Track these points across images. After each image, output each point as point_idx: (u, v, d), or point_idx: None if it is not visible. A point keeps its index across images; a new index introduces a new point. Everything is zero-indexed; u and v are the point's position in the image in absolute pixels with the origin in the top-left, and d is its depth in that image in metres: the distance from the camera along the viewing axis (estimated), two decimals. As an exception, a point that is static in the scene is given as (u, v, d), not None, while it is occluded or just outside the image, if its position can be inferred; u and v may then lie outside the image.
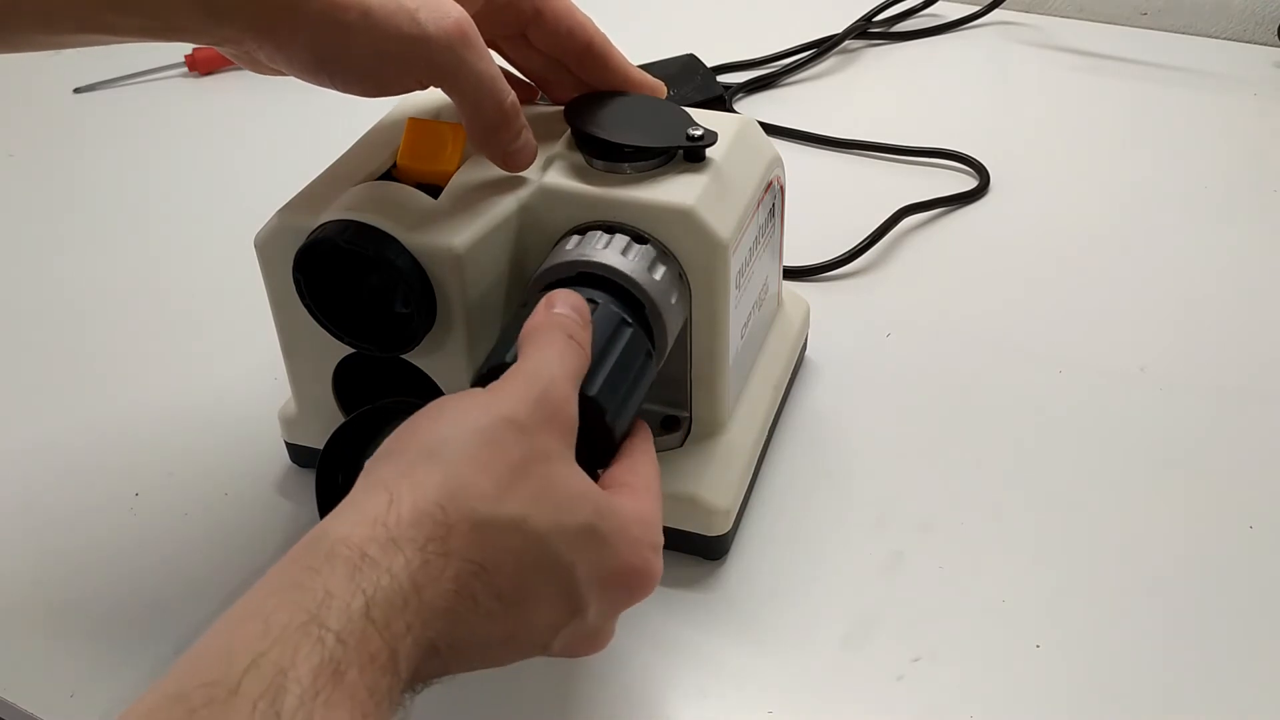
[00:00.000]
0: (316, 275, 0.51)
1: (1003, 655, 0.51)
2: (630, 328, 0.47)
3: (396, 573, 0.35)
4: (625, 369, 0.46)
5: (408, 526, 0.36)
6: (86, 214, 0.83)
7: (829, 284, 0.73)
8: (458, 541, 0.37)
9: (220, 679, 0.32)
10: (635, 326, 0.47)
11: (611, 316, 0.47)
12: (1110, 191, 0.82)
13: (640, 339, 0.47)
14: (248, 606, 0.35)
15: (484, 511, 0.38)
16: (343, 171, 0.54)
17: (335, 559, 0.35)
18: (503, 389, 0.41)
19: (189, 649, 0.34)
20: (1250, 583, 0.54)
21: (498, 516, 0.38)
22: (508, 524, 0.38)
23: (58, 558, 0.57)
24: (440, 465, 0.38)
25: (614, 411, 0.45)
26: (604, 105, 0.54)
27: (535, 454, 0.39)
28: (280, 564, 0.36)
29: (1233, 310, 0.70)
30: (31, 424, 0.65)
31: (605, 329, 0.46)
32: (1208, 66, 0.96)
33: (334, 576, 0.35)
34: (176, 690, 0.32)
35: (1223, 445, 0.61)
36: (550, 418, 0.41)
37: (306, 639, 0.33)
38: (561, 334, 0.43)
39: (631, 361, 0.46)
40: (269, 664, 0.32)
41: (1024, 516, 0.57)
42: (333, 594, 0.34)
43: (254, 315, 0.59)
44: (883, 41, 1.02)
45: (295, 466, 0.61)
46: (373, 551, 0.35)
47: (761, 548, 0.56)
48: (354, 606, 0.34)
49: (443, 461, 0.38)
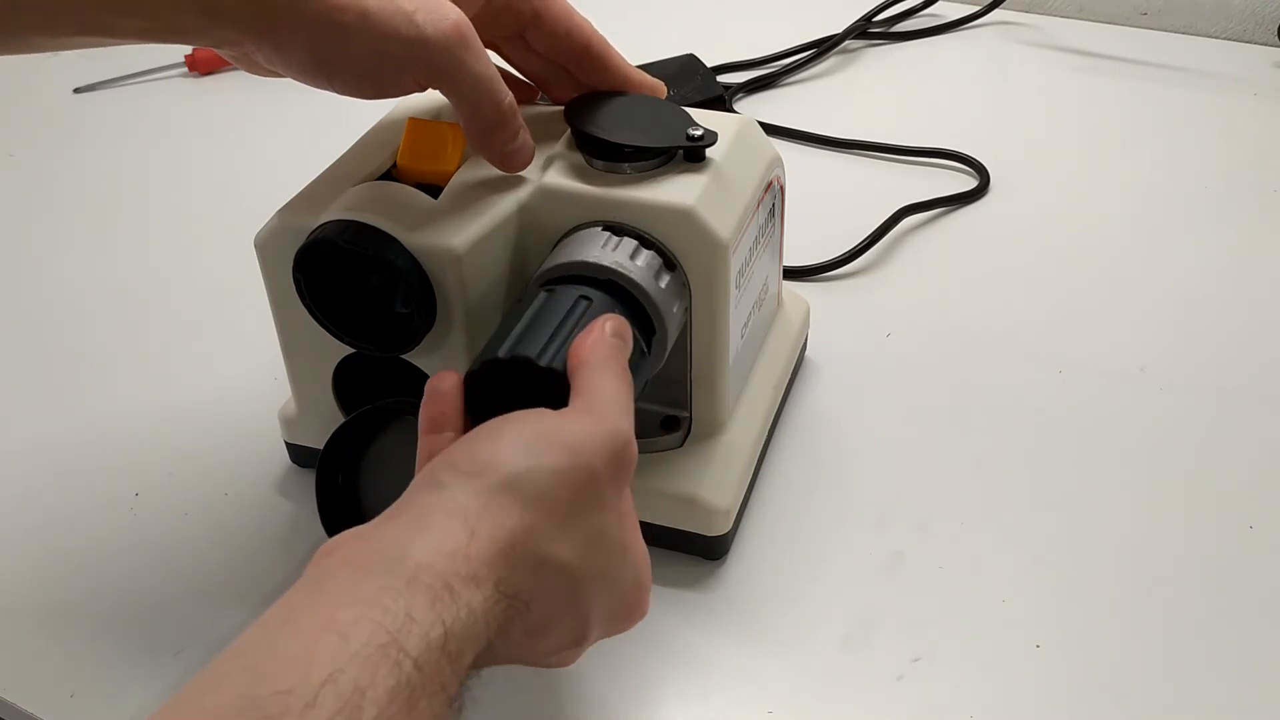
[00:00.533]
0: (316, 275, 0.51)
1: (1003, 655, 0.51)
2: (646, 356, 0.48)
3: (475, 609, 0.36)
4: None
5: (485, 564, 0.37)
6: (86, 214, 0.83)
7: (829, 284, 0.73)
8: (520, 580, 0.38)
9: (296, 688, 0.31)
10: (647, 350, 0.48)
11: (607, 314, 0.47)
12: (1110, 191, 0.82)
13: (636, 340, 0.47)
14: (319, 616, 0.34)
15: (543, 552, 0.39)
16: (343, 171, 0.54)
17: (417, 585, 0.35)
18: (588, 432, 0.41)
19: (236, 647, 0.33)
20: (1250, 583, 0.54)
21: (553, 559, 0.39)
22: (558, 567, 0.39)
23: (58, 558, 0.57)
24: (519, 502, 0.39)
25: None
26: (604, 105, 0.54)
27: (596, 503, 0.41)
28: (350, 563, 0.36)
29: (1233, 310, 0.70)
30: (31, 424, 0.65)
31: None
32: (1208, 66, 0.96)
33: (416, 602, 0.35)
34: (249, 694, 0.31)
35: (1223, 445, 0.61)
36: (619, 471, 0.42)
37: (385, 660, 0.33)
38: (628, 377, 0.45)
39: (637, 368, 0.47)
40: (348, 681, 0.32)
41: (1024, 516, 0.57)
42: (415, 620, 0.34)
43: (254, 315, 0.59)
44: (883, 41, 1.02)
45: (295, 466, 0.61)
46: (455, 584, 0.36)
47: (761, 548, 0.56)
48: (433, 636, 0.34)
49: (521, 498, 0.39)
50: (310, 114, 0.81)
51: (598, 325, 0.45)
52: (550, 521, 0.39)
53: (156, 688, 0.51)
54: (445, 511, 0.38)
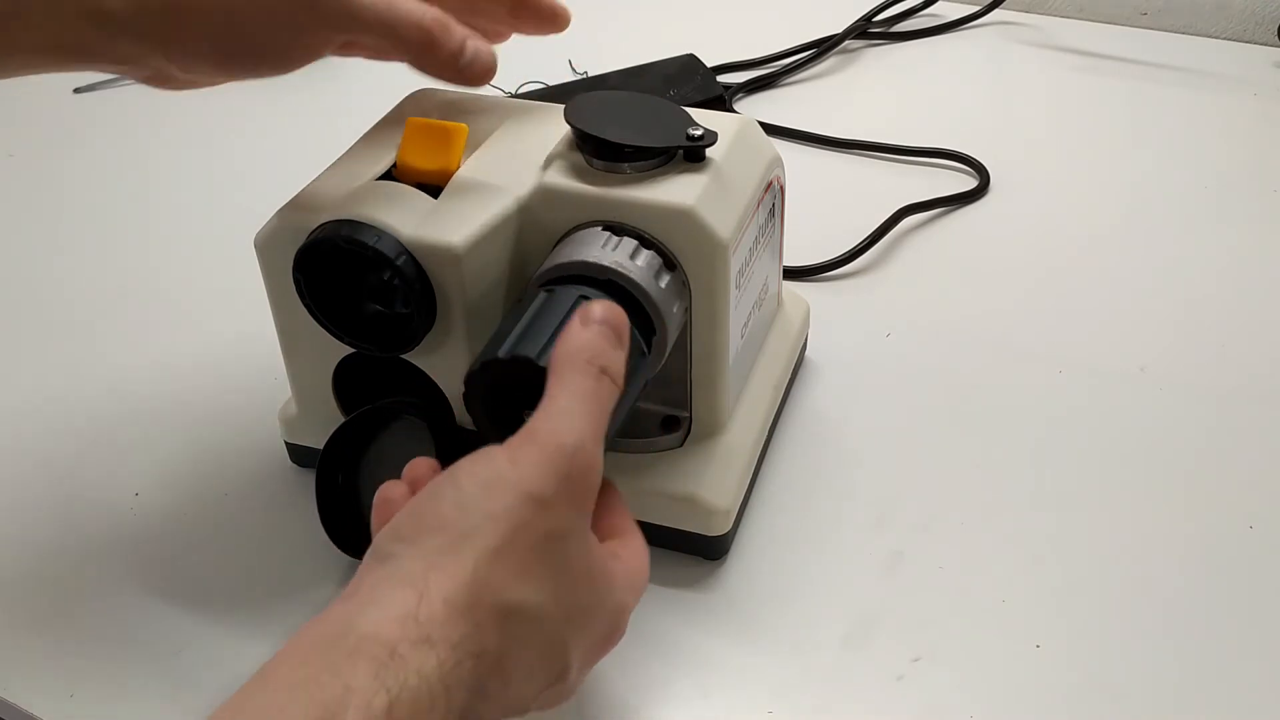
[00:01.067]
0: (316, 275, 0.51)
1: (1003, 655, 0.51)
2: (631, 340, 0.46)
3: (427, 673, 0.35)
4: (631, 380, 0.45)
5: (438, 625, 0.36)
6: (86, 214, 0.83)
7: (829, 284, 0.73)
8: (485, 637, 0.37)
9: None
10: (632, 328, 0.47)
11: None
12: (1110, 191, 0.82)
13: (636, 343, 0.47)
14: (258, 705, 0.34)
15: (506, 600, 0.38)
16: (343, 171, 0.54)
17: (359, 655, 0.35)
18: (528, 458, 0.39)
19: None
20: (1250, 583, 0.54)
21: (519, 607, 0.38)
22: (526, 614, 0.38)
23: (58, 558, 0.57)
24: (470, 557, 0.37)
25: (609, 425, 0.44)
26: (604, 105, 0.54)
27: (554, 532, 0.39)
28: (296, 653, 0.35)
29: (1233, 310, 0.70)
30: (31, 424, 0.65)
31: None
32: (1208, 66, 0.96)
33: (357, 673, 0.34)
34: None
35: (1223, 445, 0.61)
36: (574, 488, 0.40)
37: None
38: (594, 372, 0.42)
39: (636, 373, 0.46)
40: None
41: (1024, 516, 0.57)
42: (354, 689, 0.34)
43: (254, 315, 0.59)
44: (883, 41, 1.02)
45: (295, 466, 0.61)
46: (403, 649, 0.35)
47: (761, 548, 0.56)
48: (376, 704, 0.34)
49: (473, 552, 0.38)
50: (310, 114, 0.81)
51: (574, 322, 0.43)
52: (507, 569, 0.38)
53: (156, 688, 0.51)
54: (393, 581, 0.37)
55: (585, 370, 0.42)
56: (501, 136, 0.56)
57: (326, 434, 0.54)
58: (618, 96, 0.55)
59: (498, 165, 0.54)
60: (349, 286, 0.52)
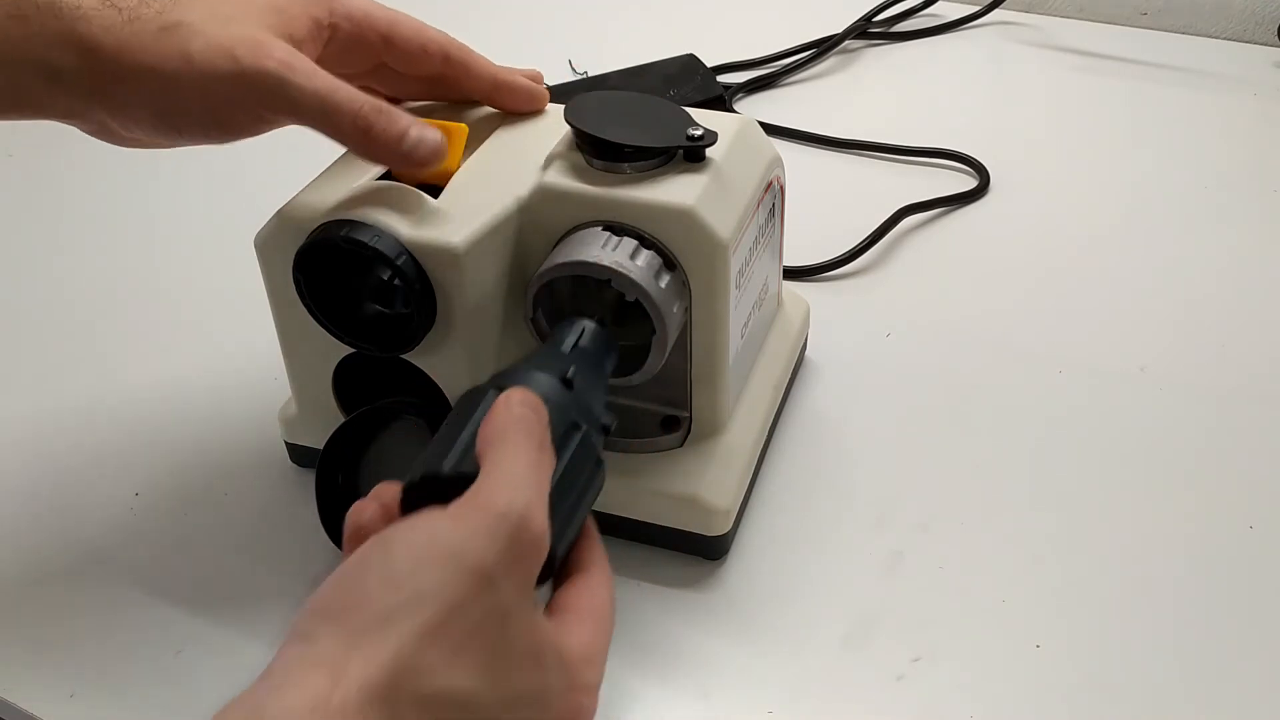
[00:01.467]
0: (316, 275, 0.51)
1: (1003, 655, 0.51)
2: (579, 432, 0.42)
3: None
4: (573, 479, 0.41)
5: (354, 712, 0.33)
6: (86, 214, 0.83)
7: (829, 284, 0.73)
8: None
9: None
10: (586, 427, 0.42)
11: (562, 420, 0.42)
12: (1110, 191, 0.82)
13: (590, 445, 0.42)
14: None
15: (433, 687, 0.34)
16: (343, 171, 0.54)
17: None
18: (472, 524, 0.36)
19: None
20: (1250, 583, 0.54)
21: (446, 692, 0.35)
22: (456, 701, 0.35)
23: (58, 558, 0.57)
24: (393, 639, 0.34)
25: (559, 530, 0.40)
26: (604, 105, 0.54)
27: (495, 611, 0.36)
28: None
29: (1233, 310, 0.70)
30: (31, 424, 0.65)
31: (555, 430, 0.41)
32: (1208, 66, 0.96)
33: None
34: None
35: (1223, 445, 0.61)
36: (519, 559, 0.37)
37: None
38: (533, 443, 0.39)
39: (579, 470, 0.42)
40: None
41: (1024, 516, 0.57)
42: None
43: (254, 315, 0.59)
44: (883, 41, 1.02)
45: (295, 466, 0.61)
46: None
47: (761, 548, 0.56)
48: None
49: (396, 634, 0.34)
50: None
51: (499, 406, 0.40)
52: (437, 650, 0.34)
53: (156, 688, 0.51)
54: (308, 663, 0.34)
55: (524, 441, 0.39)
56: (501, 136, 0.56)
57: (326, 434, 0.54)
58: (618, 96, 0.55)
59: (498, 165, 0.54)
60: (349, 286, 0.52)
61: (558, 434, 0.41)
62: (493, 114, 0.57)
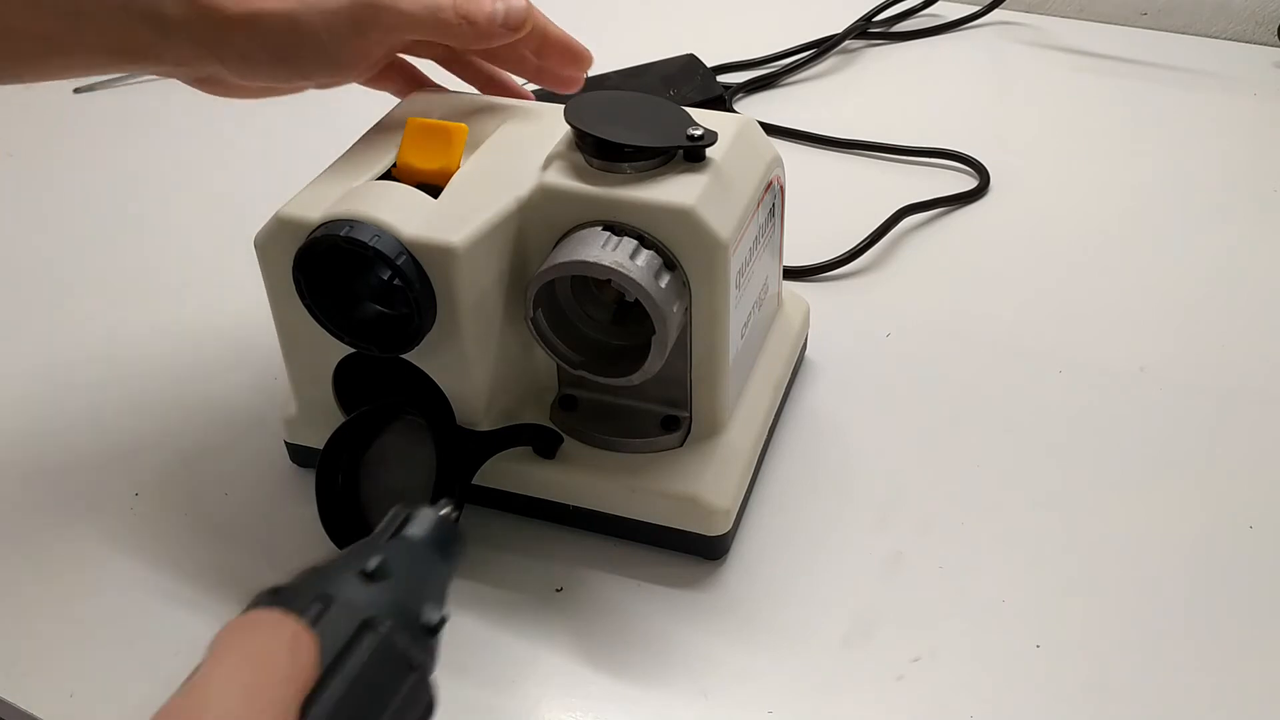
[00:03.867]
0: (316, 275, 0.51)
1: (1003, 655, 0.51)
2: (375, 633, 0.34)
3: None
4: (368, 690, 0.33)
5: None
6: (86, 214, 0.83)
7: (829, 284, 0.73)
8: None
9: None
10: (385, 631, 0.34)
11: (349, 617, 0.34)
12: (1110, 191, 0.82)
13: (390, 649, 0.34)
14: None
15: None
16: (342, 171, 0.54)
17: None
18: None
19: None
20: (1250, 583, 0.54)
21: None
22: None
23: (58, 557, 0.57)
24: None
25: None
26: (604, 105, 0.54)
27: None
28: None
29: (1233, 310, 0.70)
30: (31, 424, 0.65)
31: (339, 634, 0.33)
32: (1208, 66, 0.96)
33: None
34: None
35: (1223, 445, 0.61)
36: None
37: None
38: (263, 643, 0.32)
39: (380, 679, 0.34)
40: None
41: (1024, 516, 0.57)
42: None
43: (254, 315, 0.59)
44: (883, 41, 1.02)
45: (295, 466, 0.61)
46: None
47: (761, 548, 0.56)
48: None
49: None
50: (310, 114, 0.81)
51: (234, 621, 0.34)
52: None
53: (156, 688, 0.51)
54: None
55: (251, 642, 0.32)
56: (501, 136, 0.56)
57: (326, 434, 0.54)
58: (618, 96, 0.55)
59: (498, 165, 0.54)
60: (349, 286, 0.52)
61: (341, 637, 0.33)
62: (493, 114, 0.57)
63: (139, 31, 0.50)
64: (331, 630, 0.33)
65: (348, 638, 0.33)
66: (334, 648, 0.33)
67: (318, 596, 0.34)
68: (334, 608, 0.34)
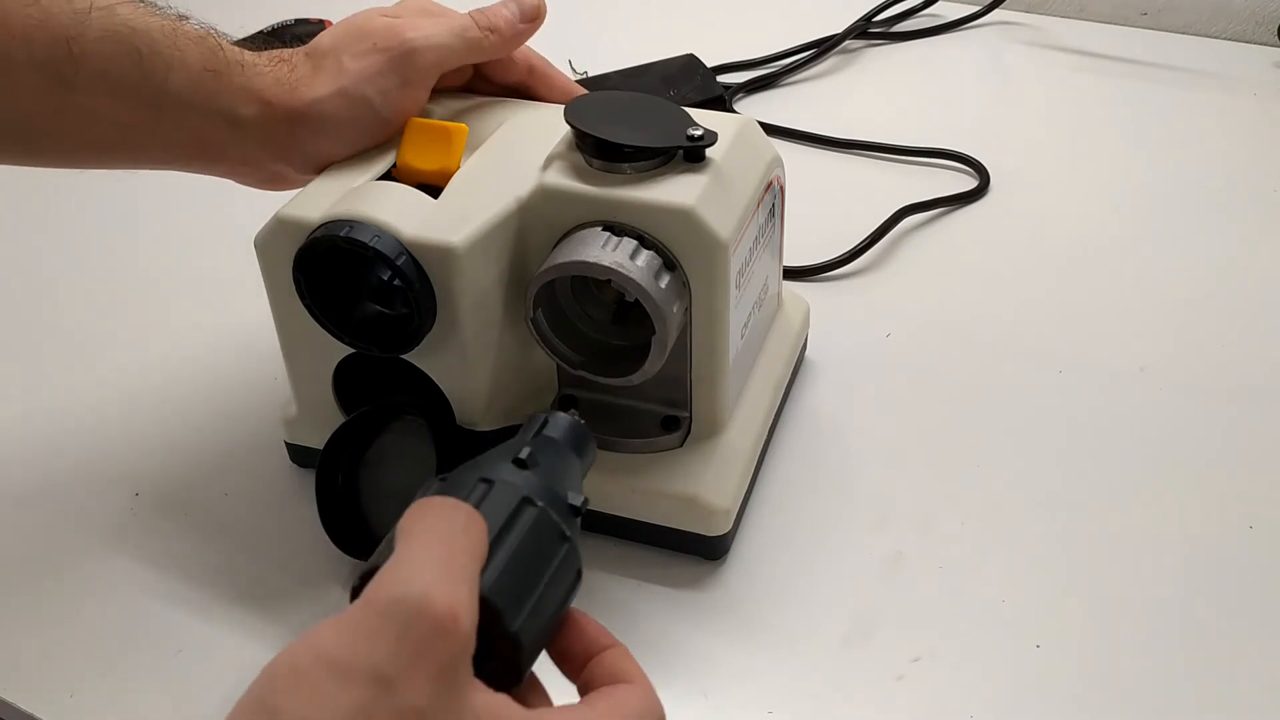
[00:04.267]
0: (316, 275, 0.51)
1: (1003, 655, 0.51)
2: (535, 508, 0.38)
3: None
4: (530, 559, 0.37)
5: None
6: (86, 213, 0.83)
7: (829, 284, 0.73)
8: None
9: None
10: (542, 506, 0.38)
11: (508, 498, 0.38)
12: (1110, 191, 0.82)
13: (548, 521, 0.38)
14: None
15: None
16: (343, 171, 0.54)
17: None
18: (357, 626, 0.32)
19: None
20: (1250, 583, 0.54)
21: None
22: None
23: (58, 558, 0.57)
24: None
25: (519, 613, 0.36)
26: (604, 105, 0.54)
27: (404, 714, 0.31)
28: None
29: (1233, 310, 0.70)
30: (31, 424, 0.65)
31: (499, 514, 0.37)
32: (1208, 66, 0.96)
33: None
34: None
35: (1223, 445, 0.61)
36: (423, 650, 0.31)
37: None
38: (440, 531, 0.35)
39: (538, 549, 0.38)
40: None
41: (1024, 516, 0.57)
42: None
43: (254, 315, 0.59)
44: (882, 41, 1.02)
45: (295, 466, 0.61)
46: None
47: (761, 548, 0.56)
48: None
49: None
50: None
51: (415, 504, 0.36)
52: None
53: (157, 688, 0.51)
54: None
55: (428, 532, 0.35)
56: (501, 136, 0.56)
57: (326, 434, 0.54)
58: (618, 96, 0.55)
59: (498, 165, 0.54)
60: (349, 286, 0.52)
61: (504, 513, 0.37)
62: (493, 114, 0.57)
63: (215, 130, 0.52)
64: (494, 509, 0.37)
65: (509, 514, 0.37)
66: (497, 524, 0.37)
67: (480, 480, 0.38)
68: (495, 489, 0.38)
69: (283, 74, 0.54)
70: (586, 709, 0.36)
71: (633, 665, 0.38)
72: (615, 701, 0.36)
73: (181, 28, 0.52)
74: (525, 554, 0.37)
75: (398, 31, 0.54)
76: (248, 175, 0.56)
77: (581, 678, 0.38)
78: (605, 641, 0.38)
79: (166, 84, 0.51)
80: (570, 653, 0.38)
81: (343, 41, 0.54)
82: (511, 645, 0.35)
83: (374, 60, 0.53)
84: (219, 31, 0.54)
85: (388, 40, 0.54)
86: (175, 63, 0.51)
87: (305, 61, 0.55)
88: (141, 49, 0.50)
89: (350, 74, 0.53)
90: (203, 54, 0.52)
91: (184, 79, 0.51)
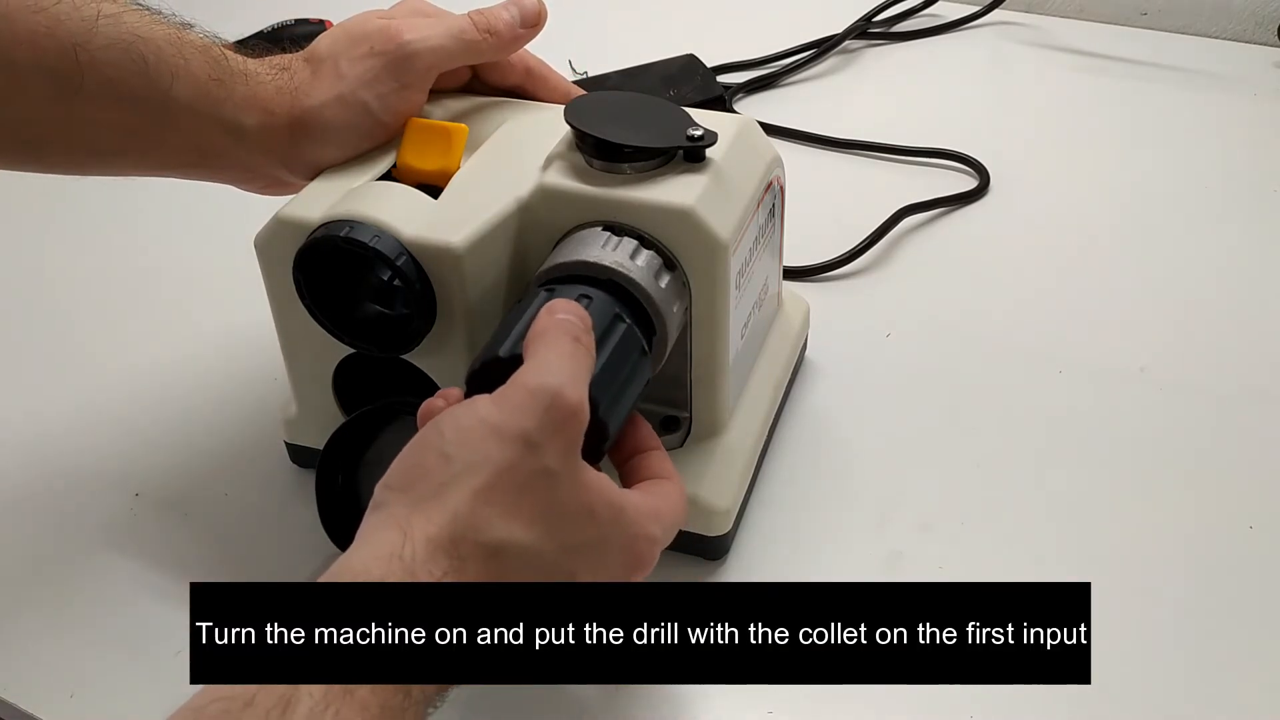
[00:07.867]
0: (316, 275, 0.51)
1: (1003, 655, 0.51)
2: (624, 324, 0.47)
3: None
4: (619, 364, 0.46)
5: (424, 561, 0.38)
6: (86, 213, 0.83)
7: (829, 284, 0.73)
8: (473, 569, 0.39)
9: (236, 694, 0.34)
10: (629, 323, 0.47)
11: (605, 311, 0.47)
12: (1110, 191, 0.82)
13: (634, 336, 0.47)
14: None
15: (493, 539, 0.39)
16: (343, 171, 0.54)
17: None
18: (511, 401, 0.41)
19: None
20: (1250, 583, 0.54)
21: (507, 542, 0.40)
22: (516, 549, 0.40)
23: (58, 558, 0.57)
24: (450, 502, 0.39)
25: (607, 406, 0.45)
26: (604, 105, 0.54)
27: (541, 472, 0.40)
28: None
29: (1233, 310, 0.70)
30: (31, 424, 0.65)
31: (599, 324, 0.46)
32: (1208, 66, 0.96)
33: None
34: (194, 704, 0.34)
35: (1223, 445, 0.61)
36: (559, 427, 0.41)
37: None
38: (568, 337, 0.43)
39: (625, 357, 0.47)
40: None
41: (1024, 516, 0.57)
42: None
43: (254, 315, 0.59)
44: (883, 41, 1.02)
45: (295, 466, 0.61)
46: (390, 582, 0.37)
47: (761, 548, 0.56)
48: None
49: (452, 498, 0.39)
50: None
51: (543, 311, 0.45)
52: (490, 508, 0.39)
53: (156, 688, 0.51)
54: (381, 524, 0.40)
55: (561, 336, 0.43)
56: (501, 136, 0.56)
57: (326, 434, 0.54)
58: (618, 96, 0.55)
59: (498, 165, 0.54)
60: (349, 286, 0.52)
61: (601, 326, 0.46)
62: (493, 114, 0.57)
63: (217, 138, 0.53)
64: (596, 318, 0.46)
65: (606, 325, 0.46)
66: (598, 332, 0.45)
67: (582, 295, 0.47)
68: (594, 304, 0.47)
69: (284, 82, 0.54)
70: (648, 494, 0.45)
71: (672, 467, 0.47)
72: (663, 492, 0.46)
73: (186, 36, 0.53)
74: (616, 359, 0.46)
75: (394, 34, 0.54)
76: (248, 182, 0.57)
77: (627, 466, 0.47)
78: (652, 443, 0.48)
79: (171, 93, 0.51)
80: (623, 444, 0.48)
81: (340, 46, 0.55)
82: (600, 430, 0.44)
83: (371, 64, 0.54)
84: (221, 40, 0.55)
85: (384, 44, 0.54)
86: (180, 72, 0.52)
87: (304, 68, 0.55)
88: (148, 57, 0.51)
89: (348, 79, 0.53)
90: (207, 63, 0.52)
91: (189, 88, 0.52)
